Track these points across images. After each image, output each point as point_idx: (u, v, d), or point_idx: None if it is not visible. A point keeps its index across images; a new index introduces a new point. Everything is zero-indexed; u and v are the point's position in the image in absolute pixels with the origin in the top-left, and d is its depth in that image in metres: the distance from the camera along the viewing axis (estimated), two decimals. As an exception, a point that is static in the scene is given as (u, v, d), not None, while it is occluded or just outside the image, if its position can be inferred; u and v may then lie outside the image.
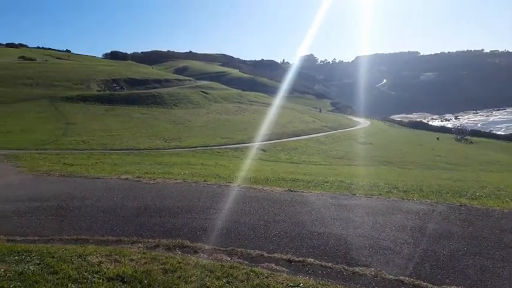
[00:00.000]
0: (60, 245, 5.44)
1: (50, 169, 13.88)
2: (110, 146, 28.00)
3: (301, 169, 21.74)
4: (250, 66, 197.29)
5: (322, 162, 30.93)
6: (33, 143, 26.40)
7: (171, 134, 38.14)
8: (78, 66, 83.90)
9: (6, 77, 58.91)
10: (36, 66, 76.15)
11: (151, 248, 5.47)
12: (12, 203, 8.18)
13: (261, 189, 9.70)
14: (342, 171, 21.55)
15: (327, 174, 17.82)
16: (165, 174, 12.82)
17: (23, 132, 31.99)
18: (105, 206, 7.89)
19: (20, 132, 31.96)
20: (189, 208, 7.72)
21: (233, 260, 5.11)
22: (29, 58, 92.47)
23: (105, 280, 4.09)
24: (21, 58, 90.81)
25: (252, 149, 33.98)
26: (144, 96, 58.66)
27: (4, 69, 66.29)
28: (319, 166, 27.17)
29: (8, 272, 4.19)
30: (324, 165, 28.16)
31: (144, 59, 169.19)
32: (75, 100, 50.70)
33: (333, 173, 19.75)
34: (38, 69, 69.62)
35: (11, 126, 34.42)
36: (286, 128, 49.89)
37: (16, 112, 41.25)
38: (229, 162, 24.26)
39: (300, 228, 6.46)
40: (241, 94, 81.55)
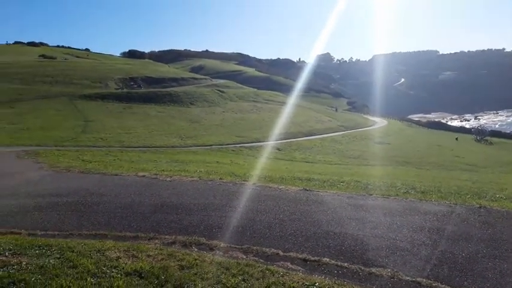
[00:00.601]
0: (80, 239, 5.55)
1: (70, 165, 14.17)
2: (128, 144, 28.38)
3: (317, 168, 21.61)
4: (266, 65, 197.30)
5: (337, 161, 30.70)
6: (53, 140, 26.96)
7: (187, 132, 38.42)
8: (96, 65, 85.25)
9: (27, 75, 60.29)
10: (56, 64, 77.71)
11: (167, 245, 5.53)
12: (33, 198, 8.38)
13: (276, 188, 9.70)
14: (358, 171, 21.33)
15: (342, 174, 17.67)
16: (181, 172, 12.94)
17: (43, 129, 32.68)
18: (122, 202, 8.02)
19: (40, 129, 32.67)
20: (205, 206, 7.77)
21: (248, 258, 5.13)
22: (49, 56, 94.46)
23: (123, 275, 4.15)
24: (42, 57, 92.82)
25: (267, 147, 33.96)
26: (161, 94, 59.23)
27: (25, 67, 67.85)
28: (334, 166, 26.98)
29: (29, 265, 4.30)
30: (339, 165, 27.95)
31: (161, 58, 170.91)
32: (93, 98, 51.54)
33: (349, 172, 19.57)
34: (58, 68, 71.00)
35: (31, 123, 35.21)
36: (301, 127, 49.70)
37: (36, 109, 42.15)
38: (244, 160, 24.31)
39: (316, 228, 6.44)
40: (257, 93, 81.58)
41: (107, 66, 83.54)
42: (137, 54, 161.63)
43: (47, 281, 3.88)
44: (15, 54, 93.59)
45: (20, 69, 63.81)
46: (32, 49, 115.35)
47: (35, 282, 3.85)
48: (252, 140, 36.53)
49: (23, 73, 61.04)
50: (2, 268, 4.17)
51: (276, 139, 38.82)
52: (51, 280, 3.90)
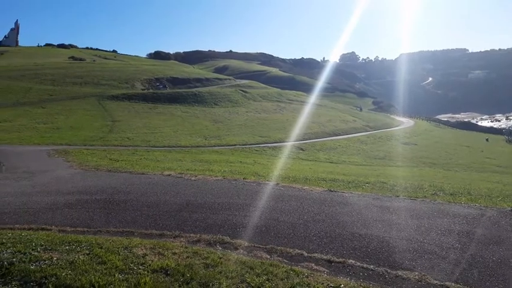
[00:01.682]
0: (108, 236, 5.68)
1: (98, 164, 14.56)
2: (153, 143, 28.90)
3: (341, 169, 21.38)
4: (289, 64, 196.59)
5: (362, 162, 30.27)
6: (81, 139, 27.78)
7: (211, 132, 38.76)
8: (123, 66, 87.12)
9: (58, 76, 62.27)
10: (85, 66, 79.88)
11: (192, 243, 5.59)
12: (63, 195, 8.65)
13: (300, 188, 9.66)
14: (384, 172, 20.96)
15: (368, 174, 17.41)
16: (206, 171, 13.08)
17: (72, 128, 33.71)
18: (149, 200, 8.17)
19: (70, 128, 33.71)
20: (229, 205, 7.82)
21: (272, 258, 5.12)
22: (79, 58, 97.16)
23: (150, 272, 4.23)
24: (71, 58, 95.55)
25: (291, 148, 33.83)
26: (186, 95, 59.96)
27: (56, 68, 70.10)
28: (359, 166, 26.61)
29: (59, 261, 4.43)
30: (364, 166, 27.54)
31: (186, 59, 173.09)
32: (120, 98, 52.68)
33: (375, 173, 19.25)
34: (87, 69, 72.98)
35: (61, 122, 36.39)
36: (325, 127, 49.25)
37: (66, 109, 43.48)
38: (268, 160, 24.31)
39: (341, 229, 6.37)
40: (281, 93, 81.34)
41: (134, 68, 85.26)
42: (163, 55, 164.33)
43: (76, 276, 3.99)
44: (46, 56, 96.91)
45: (50, 71, 65.99)
46: (62, 51, 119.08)
47: (66, 277, 3.97)
48: (275, 140, 36.48)
49: (53, 74, 63.08)
50: (34, 263, 4.32)
51: (300, 139, 38.63)
52: (80, 275, 4.01)
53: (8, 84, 52.85)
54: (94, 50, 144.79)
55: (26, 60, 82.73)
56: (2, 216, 6.84)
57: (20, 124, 34.00)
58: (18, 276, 4.00)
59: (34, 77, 59.40)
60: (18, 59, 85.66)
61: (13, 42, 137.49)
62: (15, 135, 28.12)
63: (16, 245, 4.85)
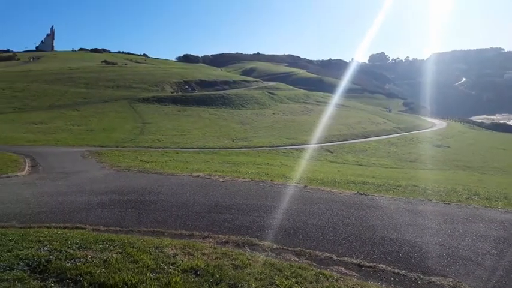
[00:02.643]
0: (139, 236, 5.80)
1: (129, 165, 14.93)
2: (182, 145, 29.34)
3: (371, 172, 20.99)
4: (317, 66, 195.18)
5: (393, 165, 29.59)
6: (113, 141, 28.57)
7: (238, 134, 38.96)
8: (154, 69, 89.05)
9: (91, 80, 64.39)
10: (117, 69, 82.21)
11: (221, 244, 5.63)
12: (96, 195, 8.90)
13: (329, 191, 9.55)
14: (415, 175, 20.40)
15: (398, 177, 17.00)
16: (234, 173, 13.16)
17: (105, 130, 34.75)
18: (178, 201, 8.29)
19: (103, 130, 34.76)
20: (257, 207, 7.83)
21: (301, 261, 5.09)
22: (111, 62, 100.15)
23: (180, 272, 4.29)
24: (104, 62, 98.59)
25: (318, 150, 33.53)
26: (214, 97, 60.58)
27: (89, 72, 72.54)
28: (389, 169, 26.03)
29: (94, 259, 4.57)
30: (395, 169, 26.93)
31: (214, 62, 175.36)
32: (150, 101, 53.85)
33: (406, 176, 18.78)
34: (119, 73, 75.08)
35: (94, 124, 37.59)
36: (354, 128, 48.51)
37: (99, 112, 44.89)
38: (295, 162, 24.18)
39: (371, 233, 6.25)
40: (308, 94, 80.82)
41: (164, 71, 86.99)
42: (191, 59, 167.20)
43: (110, 274, 4.10)
44: (80, 60, 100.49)
45: (84, 75, 68.32)
46: (95, 55, 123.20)
47: (100, 275, 4.08)
48: (303, 142, 36.24)
49: (87, 78, 65.26)
50: (70, 260, 4.47)
51: (328, 141, 38.21)
52: (114, 274, 4.12)
53: (44, 88, 55.13)
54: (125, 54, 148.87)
55: (61, 64, 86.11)
56: (39, 215, 7.11)
57: (55, 126, 35.38)
58: (55, 273, 4.15)
59: (69, 81, 61.65)
60: (53, 64, 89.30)
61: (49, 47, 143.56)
62: (51, 137, 29.27)
63: (53, 243, 5.04)
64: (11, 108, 43.85)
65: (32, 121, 37.04)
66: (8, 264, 4.31)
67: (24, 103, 46.77)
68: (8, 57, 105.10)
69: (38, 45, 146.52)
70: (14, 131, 31.45)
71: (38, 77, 62.74)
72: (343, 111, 64.98)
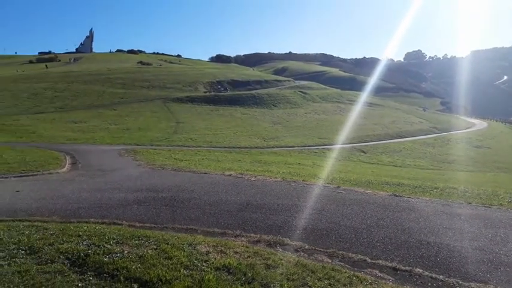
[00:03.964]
0: (173, 233, 5.90)
1: (164, 163, 15.26)
2: (214, 144, 29.67)
3: (406, 173, 20.41)
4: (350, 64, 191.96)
5: (429, 166, 28.65)
6: (148, 140, 29.30)
7: (270, 133, 38.93)
8: (187, 70, 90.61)
9: (128, 80, 66.32)
10: (152, 70, 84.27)
11: (253, 243, 5.63)
12: (132, 192, 9.15)
13: (363, 192, 9.36)
14: (454, 177, 19.66)
15: (435, 179, 16.44)
16: (265, 172, 13.17)
17: (140, 129, 35.68)
18: (211, 199, 8.38)
19: (138, 129, 35.70)
20: (289, 206, 7.79)
21: (334, 263, 5.01)
22: (146, 63, 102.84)
23: (213, 269, 4.33)
24: (140, 63, 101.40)
25: (351, 150, 32.97)
26: (245, 97, 60.85)
27: (126, 73, 74.78)
28: (426, 170, 25.22)
29: (130, 254, 4.69)
30: (431, 170, 26.06)
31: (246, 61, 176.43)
32: (184, 101, 54.80)
33: (443, 178, 18.13)
34: (154, 73, 76.92)
35: (131, 124, 38.67)
36: (389, 128, 47.34)
37: (135, 111, 46.14)
38: (327, 163, 23.89)
39: (407, 236, 6.07)
40: (341, 93, 79.62)
41: (197, 71, 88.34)
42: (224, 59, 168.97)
43: (145, 269, 4.20)
44: (117, 61, 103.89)
45: (121, 75, 70.48)
46: (131, 56, 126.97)
47: (136, 270, 4.19)
48: (335, 142, 35.72)
49: (124, 78, 67.28)
50: (107, 255, 4.61)
51: (361, 141, 37.50)
52: (149, 269, 4.21)
53: (84, 88, 57.33)
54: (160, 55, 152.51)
55: (100, 65, 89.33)
56: (78, 210, 7.39)
57: (93, 125, 36.71)
58: (93, 267, 4.30)
59: (106, 81, 63.80)
60: (92, 65, 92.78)
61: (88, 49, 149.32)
62: (89, 136, 30.41)
63: (91, 238, 5.22)
64: (52, 107, 45.90)
65: (72, 120, 38.61)
66: (50, 257, 4.50)
67: (65, 103, 48.83)
68: (50, 58, 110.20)
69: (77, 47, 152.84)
70: (56, 129, 32.90)
71: (77, 78, 65.36)
72: (377, 111, 63.55)
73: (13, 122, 35.07)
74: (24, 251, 4.67)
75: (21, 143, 23.58)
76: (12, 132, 29.99)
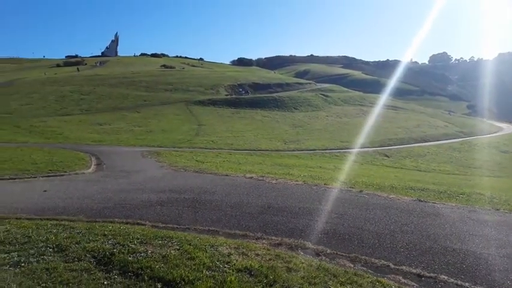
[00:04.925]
0: (195, 234, 5.97)
1: (186, 165, 15.44)
2: (235, 146, 29.82)
3: (431, 178, 19.95)
4: (373, 67, 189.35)
5: (455, 171, 27.93)
6: (171, 141, 29.72)
7: (290, 136, 38.83)
8: (209, 73, 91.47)
9: (151, 83, 67.47)
10: (175, 73, 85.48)
11: (274, 246, 5.62)
12: (155, 193, 9.29)
13: (386, 197, 9.21)
14: (480, 183, 19.09)
15: (461, 185, 16.01)
16: (286, 175, 13.14)
17: (163, 131, 36.24)
18: (232, 201, 8.42)
19: (161, 131, 36.27)
20: (311, 210, 7.74)
21: (356, 267, 4.95)
22: (169, 66, 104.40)
23: (235, 271, 4.35)
24: (163, 66, 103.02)
25: (374, 154, 32.50)
26: (266, 99, 60.92)
27: (149, 76, 76.09)
28: (451, 176, 24.59)
29: (153, 254, 4.77)
30: (457, 175, 25.39)
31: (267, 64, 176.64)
32: (206, 104, 55.32)
33: (470, 184, 17.64)
34: (177, 76, 77.98)
35: (154, 126, 39.33)
36: (413, 132, 46.44)
37: (158, 114, 46.87)
38: (349, 166, 23.62)
39: (432, 242, 5.94)
40: (363, 96, 78.69)
41: (218, 74, 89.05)
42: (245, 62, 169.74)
43: (169, 269, 4.26)
44: (141, 65, 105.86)
45: (145, 78, 71.76)
46: (155, 60, 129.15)
47: (159, 270, 4.26)
48: (358, 145, 35.27)
49: (147, 81, 68.49)
50: (132, 254, 4.70)
51: (384, 145, 36.95)
52: (172, 269, 4.27)
53: (109, 91, 58.66)
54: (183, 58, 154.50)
55: (124, 68, 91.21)
56: (104, 210, 7.56)
57: (118, 127, 37.51)
58: (118, 266, 4.39)
59: (131, 84, 65.07)
60: (117, 68, 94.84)
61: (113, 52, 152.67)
62: (114, 137, 31.09)
63: (116, 237, 5.33)
64: (78, 110, 47.17)
65: (97, 122, 39.57)
66: (76, 256, 4.63)
67: (91, 105, 50.08)
68: (76, 62, 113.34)
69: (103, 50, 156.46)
70: (82, 131, 33.80)
71: (103, 81, 66.93)
72: (401, 114, 62.50)
73: (41, 123, 36.23)
74: (52, 249, 4.81)
75: (49, 144, 24.33)
76: (40, 133, 31.00)
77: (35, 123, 36.09)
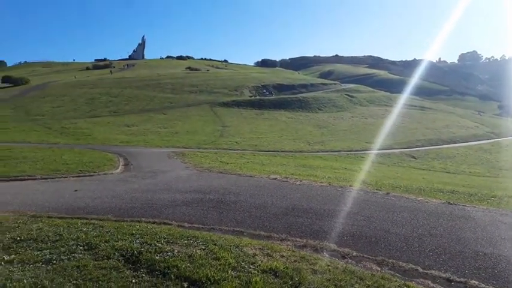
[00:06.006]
0: (220, 234, 6.01)
1: (210, 166, 15.59)
2: (259, 147, 29.87)
3: (460, 180, 19.38)
4: (400, 66, 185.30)
5: (486, 173, 27.00)
6: (196, 143, 30.07)
7: (315, 137, 38.58)
8: (233, 75, 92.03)
9: (177, 85, 68.57)
10: (200, 75, 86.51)
11: (299, 247, 5.60)
12: (181, 193, 9.42)
13: (414, 199, 9.01)
14: (513, 185, 18.39)
15: (493, 187, 15.47)
16: (310, 177, 13.05)
17: (188, 133, 36.73)
18: (256, 202, 8.44)
19: (186, 133, 36.77)
20: (336, 212, 7.66)
21: (383, 271, 4.86)
22: (194, 68, 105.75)
23: (260, 272, 4.35)
24: (188, 69, 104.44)
25: (401, 155, 31.83)
26: (290, 100, 60.77)
27: (175, 78, 77.34)
28: (482, 178, 23.79)
29: (180, 253, 4.84)
30: (488, 177, 24.53)
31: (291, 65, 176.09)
32: (230, 105, 55.71)
33: (501, 186, 17.01)
34: (201, 78, 78.90)
35: (179, 127, 39.92)
36: (441, 133, 45.23)
37: (183, 116, 47.56)
38: (375, 168, 23.25)
39: (462, 246, 5.77)
40: (390, 96, 77.28)
41: (242, 76, 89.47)
42: (269, 63, 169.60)
43: (194, 269, 4.31)
44: (167, 67, 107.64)
45: (171, 80, 72.98)
46: (180, 62, 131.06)
47: (185, 269, 4.31)
48: (384, 146, 34.67)
49: (173, 84, 69.61)
50: (158, 253, 4.79)
51: (411, 146, 36.17)
52: (198, 269, 4.32)
53: (136, 93, 59.97)
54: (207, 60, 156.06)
55: (151, 71, 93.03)
56: (131, 209, 7.73)
57: (145, 128, 38.28)
58: (146, 265, 4.47)
59: (157, 87, 66.30)
60: (144, 71, 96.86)
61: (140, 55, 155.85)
62: (141, 138, 31.74)
63: (143, 236, 5.44)
64: (107, 112, 48.45)
65: (125, 124, 40.51)
66: (106, 254, 4.75)
67: (119, 107, 51.36)
68: (105, 65, 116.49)
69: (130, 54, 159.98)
70: (110, 132, 34.68)
71: (130, 83, 68.48)
72: (429, 115, 61.01)
73: (72, 125, 37.42)
74: (82, 247, 4.96)
75: (79, 145, 25.09)
76: (71, 134, 32.01)
77: (65, 124, 37.32)
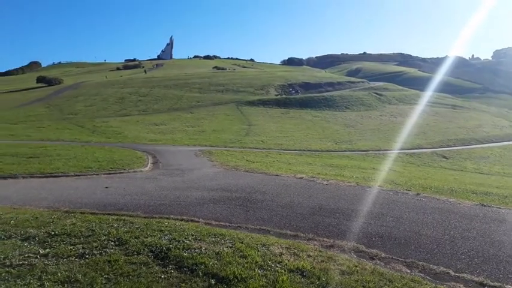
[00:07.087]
0: (247, 232, 6.04)
1: (237, 164, 15.68)
2: (285, 146, 29.75)
3: (494, 181, 18.64)
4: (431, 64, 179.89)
5: (522, 174, 25.85)
6: (222, 141, 30.30)
7: (342, 136, 38.06)
8: (259, 74, 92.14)
9: (204, 84, 69.32)
10: (226, 74, 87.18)
11: (326, 247, 5.55)
12: (208, 191, 9.53)
13: (446, 200, 8.75)
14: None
15: (530, 189, 14.78)
16: (337, 176, 12.90)
17: (215, 131, 37.05)
18: (283, 201, 8.42)
19: (213, 131, 37.10)
20: (364, 212, 7.54)
21: (413, 273, 4.75)
22: (221, 68, 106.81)
23: (287, 271, 4.35)
24: (215, 68, 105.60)
25: (431, 155, 30.95)
26: (317, 99, 60.19)
27: (202, 77, 78.22)
28: (518, 179, 22.78)
29: (207, 251, 4.91)
30: (525, 179, 23.47)
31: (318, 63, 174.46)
32: (256, 104, 55.76)
33: (539, 188, 16.24)
34: (228, 77, 79.43)
35: (206, 126, 40.34)
36: (474, 132, 43.64)
37: (210, 114, 48.02)
38: (404, 168, 22.70)
39: (496, 250, 5.56)
40: (420, 95, 75.08)
41: (268, 74, 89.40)
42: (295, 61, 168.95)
43: (222, 266, 4.36)
44: (194, 67, 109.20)
45: (198, 80, 73.87)
46: (207, 62, 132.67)
47: (213, 266, 4.37)
48: (413, 146, 33.80)
49: (200, 83, 70.43)
50: (186, 250, 4.88)
51: (442, 146, 35.07)
52: (225, 266, 4.37)
53: (164, 93, 61.05)
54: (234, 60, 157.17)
55: (178, 71, 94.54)
56: (160, 206, 7.89)
57: (173, 127, 38.91)
58: (174, 261, 4.57)
59: (185, 86, 67.26)
60: (172, 70, 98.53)
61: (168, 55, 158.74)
62: (169, 137, 32.29)
63: (172, 233, 5.55)
64: (136, 111, 49.58)
65: (154, 122, 41.30)
66: (136, 249, 4.88)
67: (148, 106, 52.44)
68: (134, 65, 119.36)
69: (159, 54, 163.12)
70: (139, 131, 35.47)
71: (159, 83, 69.79)
72: (461, 113, 59.04)
73: (103, 123, 38.52)
74: (114, 242, 5.12)
75: (110, 143, 25.79)
76: (102, 133, 32.97)
77: (97, 123, 38.46)
